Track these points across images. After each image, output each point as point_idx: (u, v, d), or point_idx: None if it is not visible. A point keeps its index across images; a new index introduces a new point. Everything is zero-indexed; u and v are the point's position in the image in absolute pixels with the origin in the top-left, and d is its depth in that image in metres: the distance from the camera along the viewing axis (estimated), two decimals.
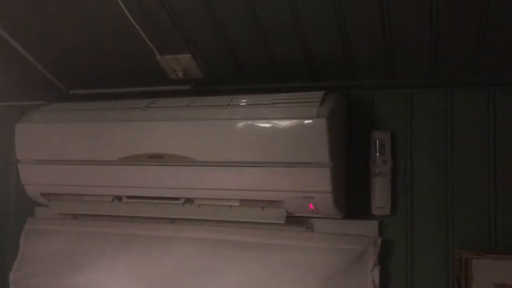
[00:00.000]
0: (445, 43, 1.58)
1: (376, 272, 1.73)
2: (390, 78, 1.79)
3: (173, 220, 1.98)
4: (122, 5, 1.57)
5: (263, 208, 1.74)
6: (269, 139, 1.65)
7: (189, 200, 1.83)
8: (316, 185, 1.62)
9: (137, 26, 1.64)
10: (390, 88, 1.83)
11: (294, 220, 1.80)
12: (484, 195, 1.72)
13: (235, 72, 1.85)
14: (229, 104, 1.76)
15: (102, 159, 1.84)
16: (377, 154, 1.79)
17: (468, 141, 1.75)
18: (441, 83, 1.77)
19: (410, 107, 1.81)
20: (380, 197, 1.78)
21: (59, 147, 1.90)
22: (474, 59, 1.64)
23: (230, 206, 1.78)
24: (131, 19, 1.61)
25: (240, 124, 1.68)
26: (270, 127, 1.64)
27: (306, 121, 1.60)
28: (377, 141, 1.79)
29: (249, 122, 1.67)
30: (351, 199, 1.80)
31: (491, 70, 1.68)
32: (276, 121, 1.64)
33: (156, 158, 1.76)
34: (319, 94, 1.69)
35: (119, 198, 1.93)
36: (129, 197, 1.91)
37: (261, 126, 1.66)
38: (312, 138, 1.60)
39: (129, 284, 1.98)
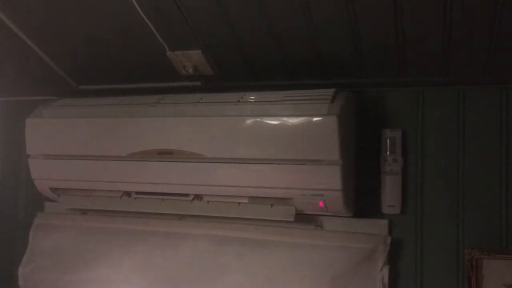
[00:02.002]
0: (458, 40, 1.56)
1: (386, 271, 1.72)
2: (401, 76, 1.77)
3: (181, 217, 1.98)
4: (134, 1, 1.56)
5: (272, 205, 1.74)
6: (279, 136, 1.64)
7: (198, 197, 1.83)
8: (326, 183, 1.62)
9: (148, 22, 1.64)
10: (401, 86, 1.81)
11: (303, 218, 1.79)
12: (496, 194, 1.71)
13: (245, 68, 1.84)
14: (239, 101, 1.76)
15: (112, 154, 1.84)
16: (388, 153, 1.78)
17: (480, 140, 1.73)
18: (453, 81, 1.75)
19: (421, 106, 1.80)
20: (390, 196, 1.78)
21: (69, 142, 1.90)
22: (487, 57, 1.62)
23: (239, 203, 1.78)
24: (142, 14, 1.61)
25: (250, 121, 1.67)
26: (280, 124, 1.64)
27: (316, 119, 1.59)
28: (388, 139, 1.78)
29: (259, 119, 1.66)
30: (361, 198, 1.79)
31: (504, 68, 1.66)
32: (286, 118, 1.63)
33: (165, 154, 1.76)
34: (330, 91, 1.68)
35: (128, 194, 1.92)
36: (138, 193, 1.91)
37: (271, 123, 1.65)
38: (323, 135, 1.59)
39: (137, 279, 1.99)
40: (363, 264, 1.74)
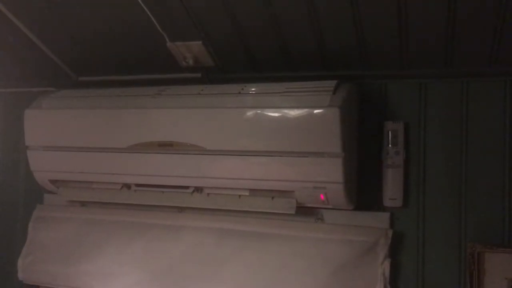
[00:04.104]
0: (462, 32, 1.55)
1: (387, 265, 1.71)
2: (404, 68, 1.76)
3: (181, 209, 1.97)
4: None
5: (273, 198, 1.73)
6: (280, 128, 1.63)
7: (198, 189, 1.82)
8: (327, 175, 1.60)
9: (148, 13, 1.63)
10: (404, 78, 1.80)
11: (305, 211, 1.78)
12: (499, 187, 1.70)
13: (246, 60, 1.83)
14: (240, 93, 1.74)
15: (112, 146, 1.83)
16: (390, 145, 1.77)
17: (483, 132, 1.72)
18: (456, 74, 1.74)
19: (424, 98, 1.78)
20: (392, 189, 1.76)
21: (68, 133, 1.89)
22: (491, 49, 1.60)
23: (240, 195, 1.77)
24: (142, 5, 1.59)
25: (251, 113, 1.66)
26: (281, 116, 1.63)
27: (318, 111, 1.58)
28: (390, 132, 1.77)
29: (260, 111, 1.65)
30: (363, 190, 1.78)
31: (508, 60, 1.64)
32: (287, 110, 1.62)
33: (165, 146, 1.75)
34: (332, 83, 1.66)
35: (128, 186, 1.92)
36: (138, 185, 1.90)
37: (272, 115, 1.64)
38: (324, 127, 1.58)
39: (136, 271, 1.98)
40: (364, 257, 1.73)
